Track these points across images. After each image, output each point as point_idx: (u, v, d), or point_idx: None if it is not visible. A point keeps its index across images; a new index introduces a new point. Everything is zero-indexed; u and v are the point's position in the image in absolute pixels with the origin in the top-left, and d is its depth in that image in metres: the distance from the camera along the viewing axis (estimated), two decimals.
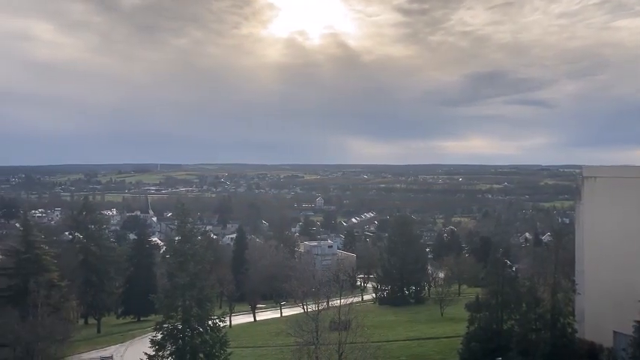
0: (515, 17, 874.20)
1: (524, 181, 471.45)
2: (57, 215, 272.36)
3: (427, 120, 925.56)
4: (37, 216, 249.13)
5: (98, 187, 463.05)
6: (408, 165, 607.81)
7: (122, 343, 79.86)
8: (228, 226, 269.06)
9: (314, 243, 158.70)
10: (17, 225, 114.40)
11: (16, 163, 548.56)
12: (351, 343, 47.30)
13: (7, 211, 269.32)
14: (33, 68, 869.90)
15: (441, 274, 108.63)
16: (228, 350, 49.70)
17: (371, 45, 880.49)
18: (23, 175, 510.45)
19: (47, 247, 79.49)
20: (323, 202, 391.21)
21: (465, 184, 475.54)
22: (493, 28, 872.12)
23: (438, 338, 69.05)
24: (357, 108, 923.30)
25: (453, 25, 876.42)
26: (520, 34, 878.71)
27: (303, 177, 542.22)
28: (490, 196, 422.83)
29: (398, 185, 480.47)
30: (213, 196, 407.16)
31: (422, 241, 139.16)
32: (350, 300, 60.19)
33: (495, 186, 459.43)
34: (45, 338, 57.01)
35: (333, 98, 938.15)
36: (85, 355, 71.49)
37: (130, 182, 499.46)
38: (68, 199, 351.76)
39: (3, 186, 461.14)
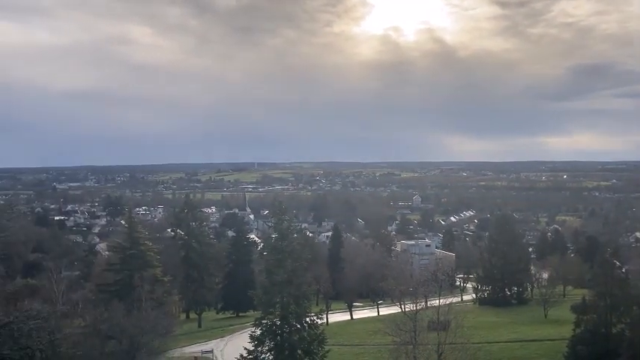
0: (622, 6, 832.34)
1: (634, 178, 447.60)
2: (159, 212, 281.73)
3: (528, 115, 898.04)
4: (141, 213, 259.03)
5: (198, 185, 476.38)
6: (509, 162, 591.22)
7: (222, 337, 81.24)
8: (324, 224, 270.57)
9: (411, 242, 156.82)
10: (122, 222, 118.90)
11: (121, 163, 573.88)
12: (451, 343, 46.30)
13: (112, 208, 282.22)
14: (133, 71, 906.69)
15: (545, 275, 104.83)
16: (326, 348, 49.54)
17: (468, 39, 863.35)
18: (128, 174, 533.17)
19: (151, 244, 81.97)
20: (420, 200, 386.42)
21: (570, 182, 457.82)
22: (597, 18, 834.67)
23: (541, 340, 66.98)
24: (454, 104, 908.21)
25: (555, 16, 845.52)
26: (627, 24, 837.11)
27: (399, 175, 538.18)
28: (597, 193, 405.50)
29: (499, 183, 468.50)
30: (309, 194, 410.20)
31: (524, 240, 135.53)
32: (449, 300, 58.97)
33: (603, 183, 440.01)
34: (149, 331, 58.54)
35: (429, 95, 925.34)
36: (187, 349, 73.07)
37: (229, 181, 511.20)
38: (170, 197, 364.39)
39: (109, 185, 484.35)
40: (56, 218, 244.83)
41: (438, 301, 52.09)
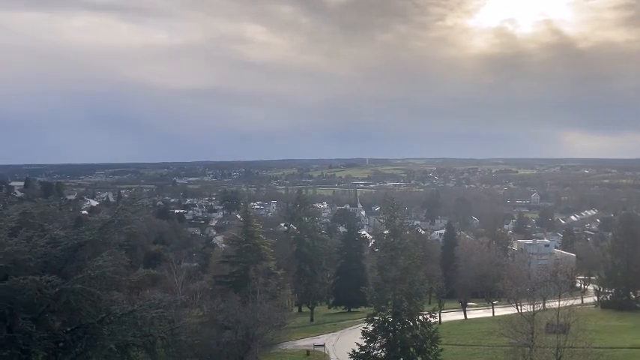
0: None
1: None
2: (273, 207, 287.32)
3: None
4: (256, 208, 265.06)
5: (310, 181, 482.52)
6: (634, 159, 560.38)
7: (333, 332, 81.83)
8: (437, 221, 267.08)
9: (529, 241, 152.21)
10: (238, 216, 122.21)
11: (236, 159, 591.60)
12: (571, 347, 44.41)
13: (229, 203, 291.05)
14: (247, 69, 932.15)
15: None
16: (439, 347, 48.76)
17: (588, 31, 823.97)
18: (243, 170, 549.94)
19: (265, 237, 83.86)
20: (539, 198, 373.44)
21: None
22: None
23: None
24: (574, 98, 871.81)
25: None
26: None
27: (516, 172, 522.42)
28: None
29: (624, 181, 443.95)
30: (421, 190, 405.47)
31: None
32: (569, 302, 56.63)
33: None
34: (263, 323, 59.59)
35: (547, 88, 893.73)
36: (300, 342, 74.12)
37: (340, 176, 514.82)
38: (283, 192, 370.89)
39: (225, 180, 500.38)
40: (176, 211, 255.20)
41: (557, 303, 49.91)
